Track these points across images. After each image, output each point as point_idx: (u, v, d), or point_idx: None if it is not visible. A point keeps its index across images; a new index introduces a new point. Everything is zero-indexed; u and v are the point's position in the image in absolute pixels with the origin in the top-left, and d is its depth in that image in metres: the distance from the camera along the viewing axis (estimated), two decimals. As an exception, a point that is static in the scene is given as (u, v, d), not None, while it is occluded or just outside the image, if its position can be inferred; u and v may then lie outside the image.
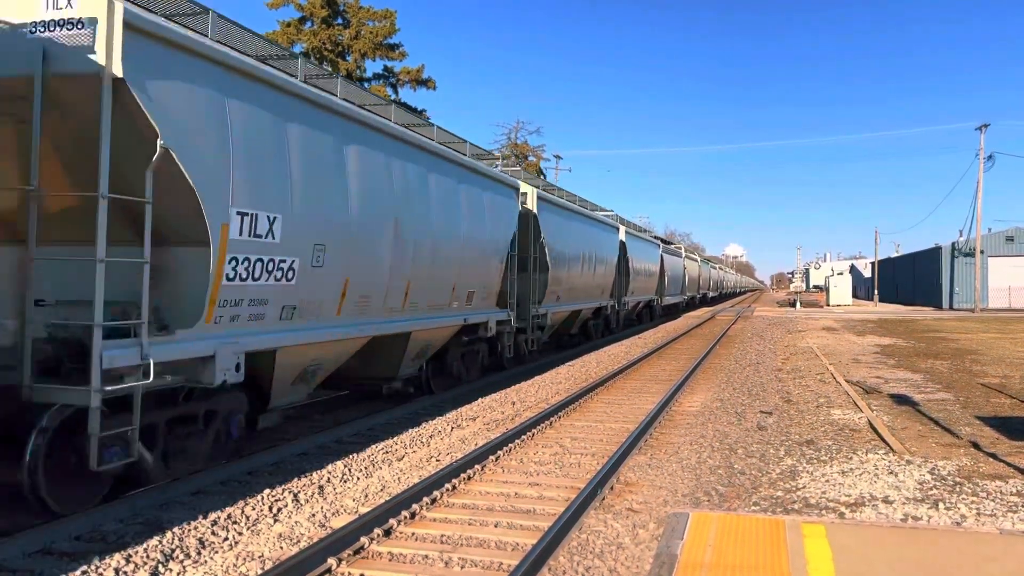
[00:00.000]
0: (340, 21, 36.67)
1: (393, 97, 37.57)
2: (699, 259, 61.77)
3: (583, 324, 23.60)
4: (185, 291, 6.83)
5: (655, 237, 41.36)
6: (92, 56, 5.76)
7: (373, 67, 38.70)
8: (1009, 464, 8.36)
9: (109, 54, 5.78)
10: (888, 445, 9.26)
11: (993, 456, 8.75)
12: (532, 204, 16.97)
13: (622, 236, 27.74)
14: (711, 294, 71.45)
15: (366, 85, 36.04)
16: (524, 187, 16.89)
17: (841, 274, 75.93)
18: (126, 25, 5.84)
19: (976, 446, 9.27)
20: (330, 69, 11.00)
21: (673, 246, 48.11)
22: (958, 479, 7.76)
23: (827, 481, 7.72)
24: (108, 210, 5.90)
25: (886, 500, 7.05)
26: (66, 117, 6.11)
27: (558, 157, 74.10)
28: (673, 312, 44.75)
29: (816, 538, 5.63)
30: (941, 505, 6.88)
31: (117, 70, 5.79)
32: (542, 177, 46.79)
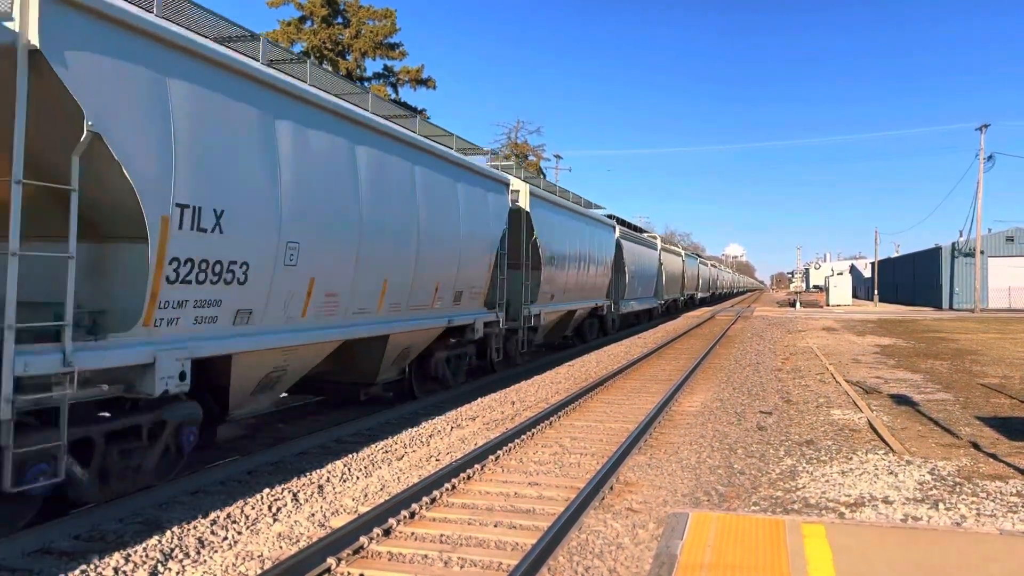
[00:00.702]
0: (340, 20, 36.65)
1: (393, 96, 37.56)
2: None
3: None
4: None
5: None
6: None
7: (373, 66, 38.77)
8: (1009, 464, 8.36)
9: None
10: (888, 445, 9.25)
11: (993, 456, 8.75)
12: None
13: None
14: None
15: (366, 84, 36.03)
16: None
17: (841, 274, 75.90)
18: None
19: (976, 446, 9.27)
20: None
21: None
22: (958, 479, 7.76)
23: (827, 481, 7.72)
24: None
25: (886, 500, 7.05)
26: None
27: (558, 157, 74.15)
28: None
29: (816, 538, 5.62)
30: (941, 505, 6.88)
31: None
32: (542, 177, 46.77)
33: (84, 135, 5.50)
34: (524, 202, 16.52)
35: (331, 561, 5.36)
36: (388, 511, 6.30)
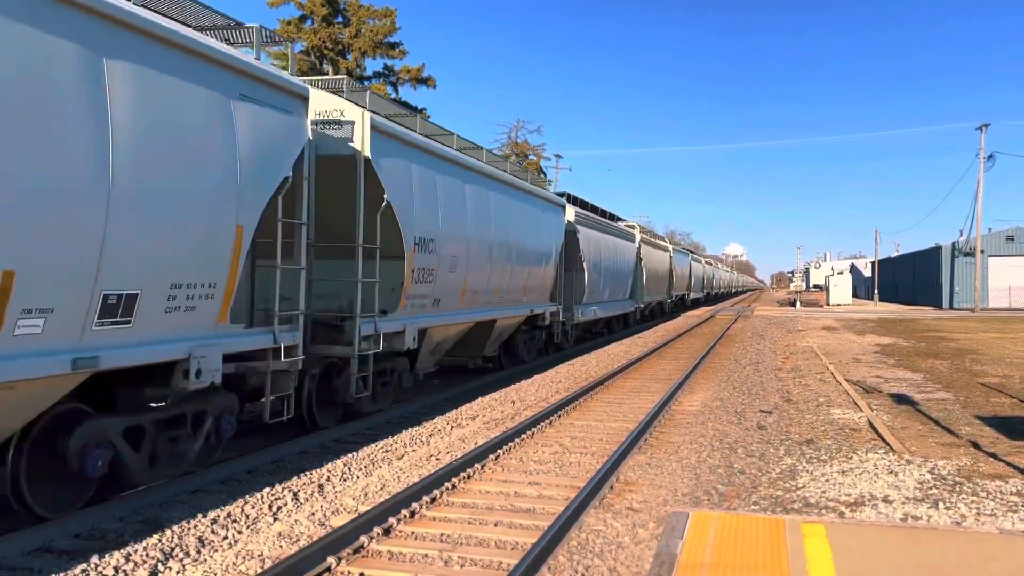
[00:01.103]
0: (340, 19, 36.66)
1: (393, 96, 37.55)
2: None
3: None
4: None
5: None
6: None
7: (373, 65, 38.76)
8: (1009, 464, 8.36)
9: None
10: (888, 445, 9.26)
11: (993, 456, 8.75)
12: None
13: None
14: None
15: (367, 84, 36.03)
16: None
17: (841, 273, 75.93)
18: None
19: (976, 446, 9.27)
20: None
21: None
22: (958, 479, 7.76)
23: (827, 480, 7.72)
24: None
25: (886, 500, 7.05)
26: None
27: (558, 156, 74.27)
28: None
29: (816, 538, 5.63)
30: (941, 505, 6.88)
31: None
32: (542, 176, 46.74)
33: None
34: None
35: (331, 560, 5.37)
36: (388, 510, 6.30)
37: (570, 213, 20.18)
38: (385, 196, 9.77)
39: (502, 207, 14.43)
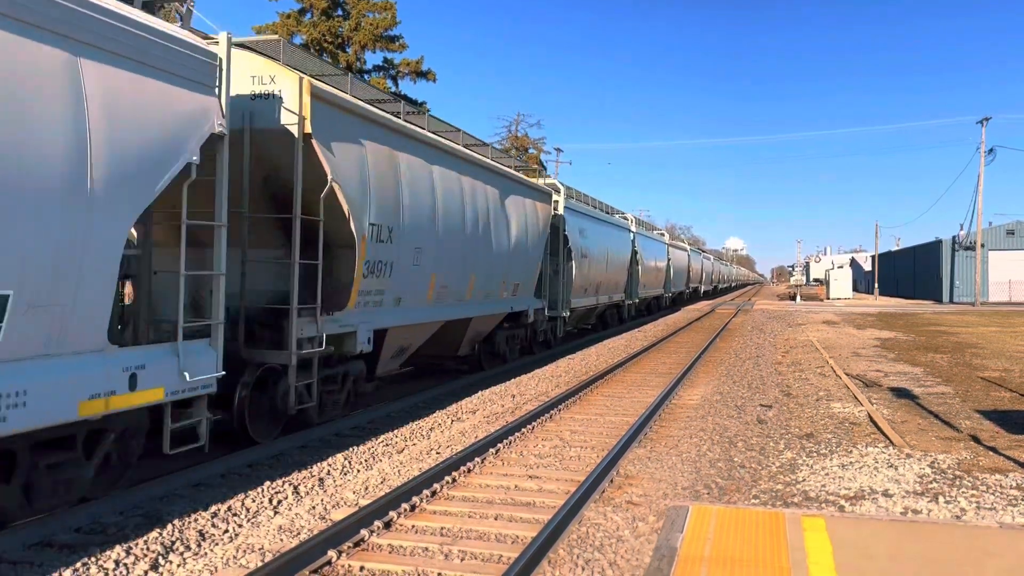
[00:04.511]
0: (340, 12, 36.53)
1: (393, 89, 37.46)
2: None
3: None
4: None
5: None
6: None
7: (373, 59, 38.73)
8: (1009, 458, 8.36)
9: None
10: (888, 439, 9.26)
11: (993, 450, 8.76)
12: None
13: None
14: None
15: (366, 77, 35.95)
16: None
17: (841, 268, 75.89)
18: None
19: (976, 440, 9.28)
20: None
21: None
22: (958, 473, 7.76)
23: (827, 474, 7.73)
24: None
25: (886, 494, 7.06)
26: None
27: (558, 150, 74.00)
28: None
29: (816, 531, 5.63)
30: (941, 499, 6.89)
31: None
32: (542, 169, 46.69)
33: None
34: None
35: (332, 554, 5.37)
36: (389, 504, 6.31)
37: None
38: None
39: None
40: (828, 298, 63.23)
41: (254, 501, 6.75)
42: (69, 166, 5.35)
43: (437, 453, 8.54)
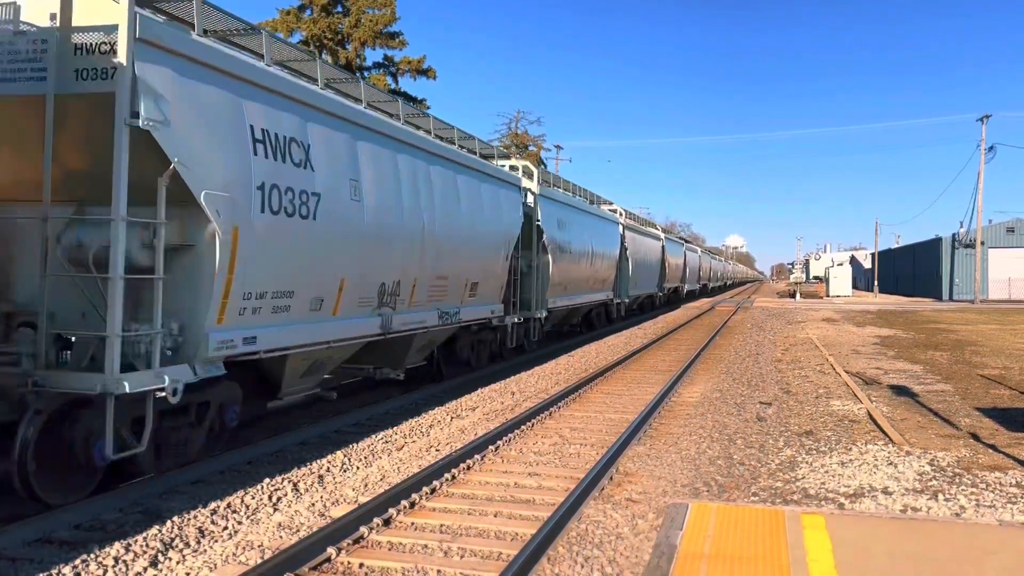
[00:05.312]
0: (340, 9, 36.47)
1: (393, 86, 37.41)
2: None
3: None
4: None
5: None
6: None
7: (373, 56, 38.52)
8: (1008, 455, 8.37)
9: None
10: (887, 436, 9.26)
11: (992, 447, 8.76)
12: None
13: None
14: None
15: (366, 75, 35.91)
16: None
17: (841, 265, 75.83)
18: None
19: (975, 437, 9.28)
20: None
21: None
22: (957, 470, 7.77)
23: (826, 472, 7.73)
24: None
25: (885, 491, 7.06)
26: None
27: (558, 147, 73.91)
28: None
29: (815, 529, 5.63)
30: (940, 496, 6.89)
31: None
32: (542, 166, 46.66)
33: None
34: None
35: (331, 551, 5.37)
36: (388, 501, 6.31)
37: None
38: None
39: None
40: (828, 296, 63.25)
41: (253, 498, 6.75)
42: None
43: (437, 450, 8.54)
